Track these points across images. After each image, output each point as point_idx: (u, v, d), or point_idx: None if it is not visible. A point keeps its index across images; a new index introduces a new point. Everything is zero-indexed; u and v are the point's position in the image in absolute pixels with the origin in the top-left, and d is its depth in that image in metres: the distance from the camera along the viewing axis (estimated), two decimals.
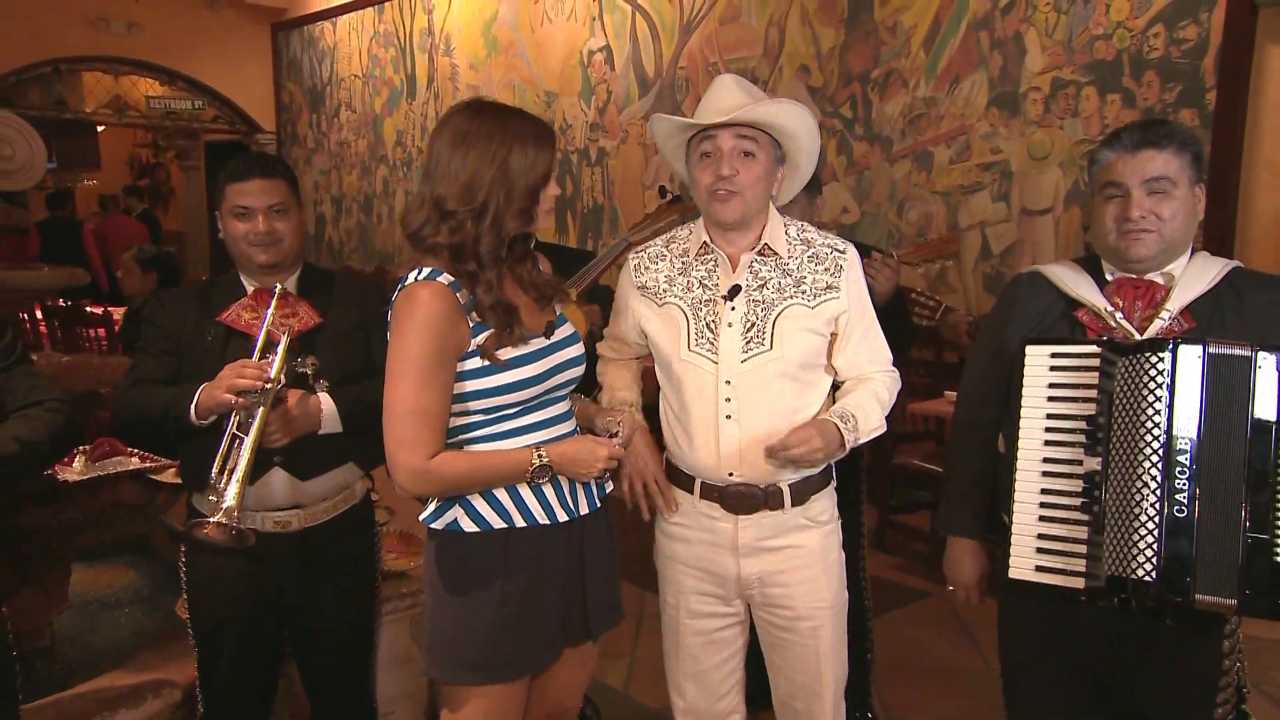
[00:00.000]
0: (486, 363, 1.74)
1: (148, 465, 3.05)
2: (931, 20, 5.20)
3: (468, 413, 1.78)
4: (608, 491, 1.95)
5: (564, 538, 1.84)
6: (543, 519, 1.80)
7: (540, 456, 1.75)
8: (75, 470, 2.93)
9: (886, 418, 2.00)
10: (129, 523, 3.30)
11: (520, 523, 1.79)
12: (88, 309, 6.63)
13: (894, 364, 2.07)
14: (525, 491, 1.80)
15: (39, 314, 6.72)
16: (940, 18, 5.17)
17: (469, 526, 1.79)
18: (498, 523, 1.79)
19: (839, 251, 1.98)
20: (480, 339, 1.74)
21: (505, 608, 1.78)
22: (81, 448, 3.02)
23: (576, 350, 1.88)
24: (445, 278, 1.72)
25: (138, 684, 2.43)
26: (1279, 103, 4.15)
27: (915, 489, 4.60)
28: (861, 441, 1.93)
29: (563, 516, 1.82)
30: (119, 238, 10.29)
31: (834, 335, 1.97)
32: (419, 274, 1.73)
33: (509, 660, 1.80)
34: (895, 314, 2.78)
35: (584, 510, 1.87)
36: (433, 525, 1.82)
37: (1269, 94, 4.17)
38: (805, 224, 2.04)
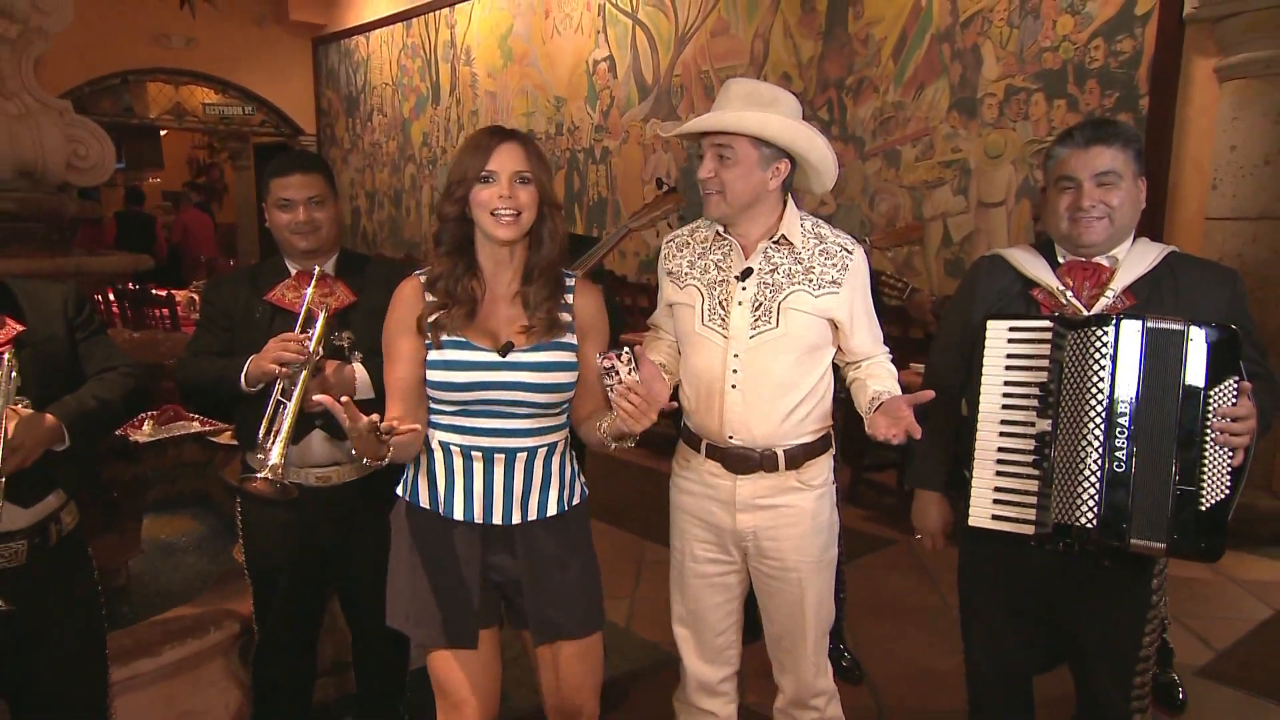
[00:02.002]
0: (432, 354, 1.71)
1: (207, 429, 3.06)
2: (899, 33, 5.17)
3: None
4: (568, 508, 1.82)
5: (468, 535, 1.76)
6: (425, 505, 1.76)
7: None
8: (144, 433, 2.95)
9: (849, 402, 1.97)
10: (191, 478, 3.36)
11: (424, 504, 1.77)
12: (154, 292, 6.66)
13: None
14: (439, 480, 1.76)
15: (111, 296, 6.75)
16: (907, 31, 5.13)
17: (400, 491, 1.81)
18: (409, 495, 1.80)
19: (847, 251, 1.91)
20: (424, 320, 1.72)
21: (414, 574, 1.77)
22: (150, 413, 3.04)
23: (535, 378, 1.70)
24: (424, 276, 1.75)
25: (201, 617, 2.44)
26: (1203, 108, 4.12)
27: (884, 450, 4.61)
28: None
29: (459, 516, 1.74)
30: (194, 227, 10.46)
31: (833, 323, 1.92)
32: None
33: (428, 622, 1.76)
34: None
35: (497, 520, 1.74)
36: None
37: (1195, 100, 4.15)
38: (819, 220, 1.99)
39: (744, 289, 1.88)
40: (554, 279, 1.76)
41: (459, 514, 1.75)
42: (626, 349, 1.57)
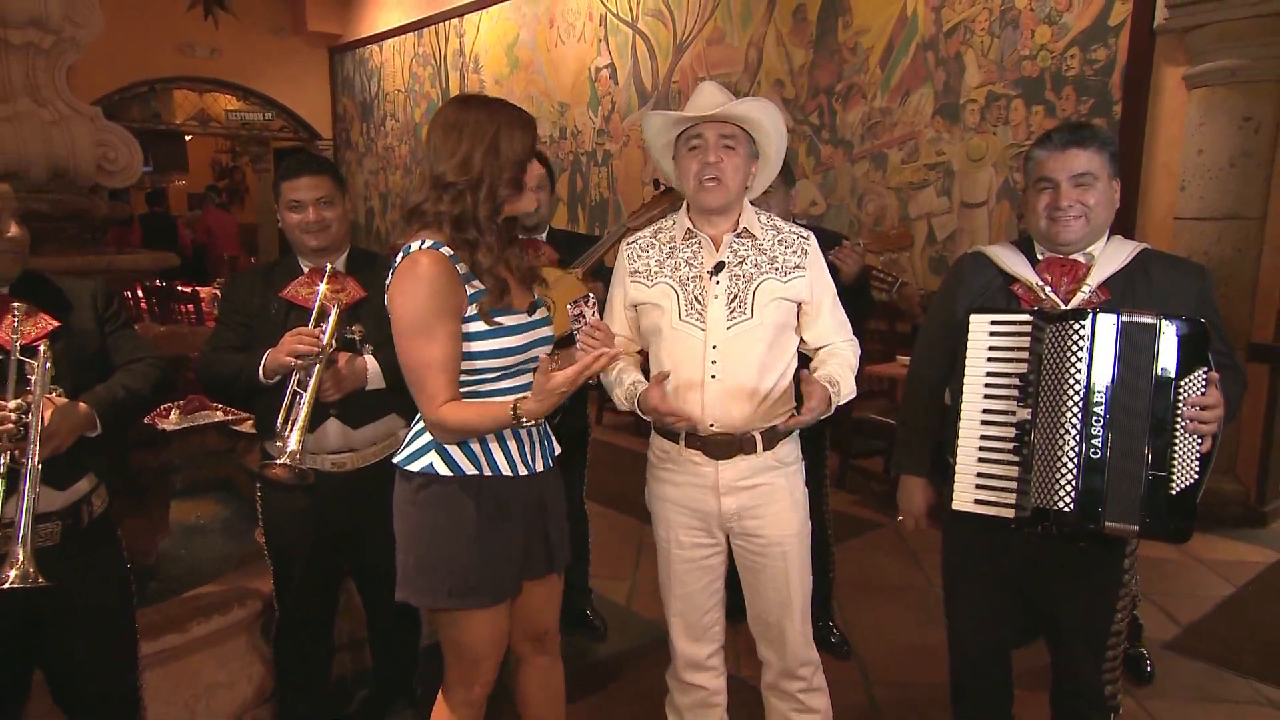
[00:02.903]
0: (483, 327, 1.68)
1: (229, 418, 3.07)
2: (886, 42, 5.15)
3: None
4: (557, 453, 1.90)
5: (524, 488, 1.78)
6: (506, 471, 1.75)
7: (520, 408, 1.64)
8: (171, 421, 2.96)
9: None
10: (215, 465, 3.37)
11: (488, 472, 1.73)
12: (179, 288, 6.67)
13: (854, 333, 2.03)
14: (494, 445, 1.74)
15: (139, 292, 6.76)
16: (893, 40, 5.11)
17: (444, 471, 1.71)
18: (470, 470, 1.72)
19: (803, 238, 1.97)
20: (478, 303, 1.67)
21: (478, 542, 1.72)
22: (175, 403, 3.05)
23: (548, 330, 1.82)
24: (445, 249, 1.65)
25: (226, 595, 2.44)
26: (1172, 113, 4.11)
27: (871, 438, 4.62)
28: (838, 404, 1.89)
29: (523, 471, 1.77)
30: (218, 227, 10.50)
31: (801, 306, 1.94)
32: (420, 244, 1.66)
33: (481, 587, 1.73)
34: (859, 291, 2.76)
35: (539, 468, 1.81)
36: (407, 468, 1.75)
37: (1165, 106, 4.14)
38: (772, 215, 2.02)
39: (718, 283, 1.88)
40: (512, 237, 1.81)
41: (522, 470, 1.77)
42: (591, 295, 1.77)
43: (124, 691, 1.93)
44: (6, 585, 1.54)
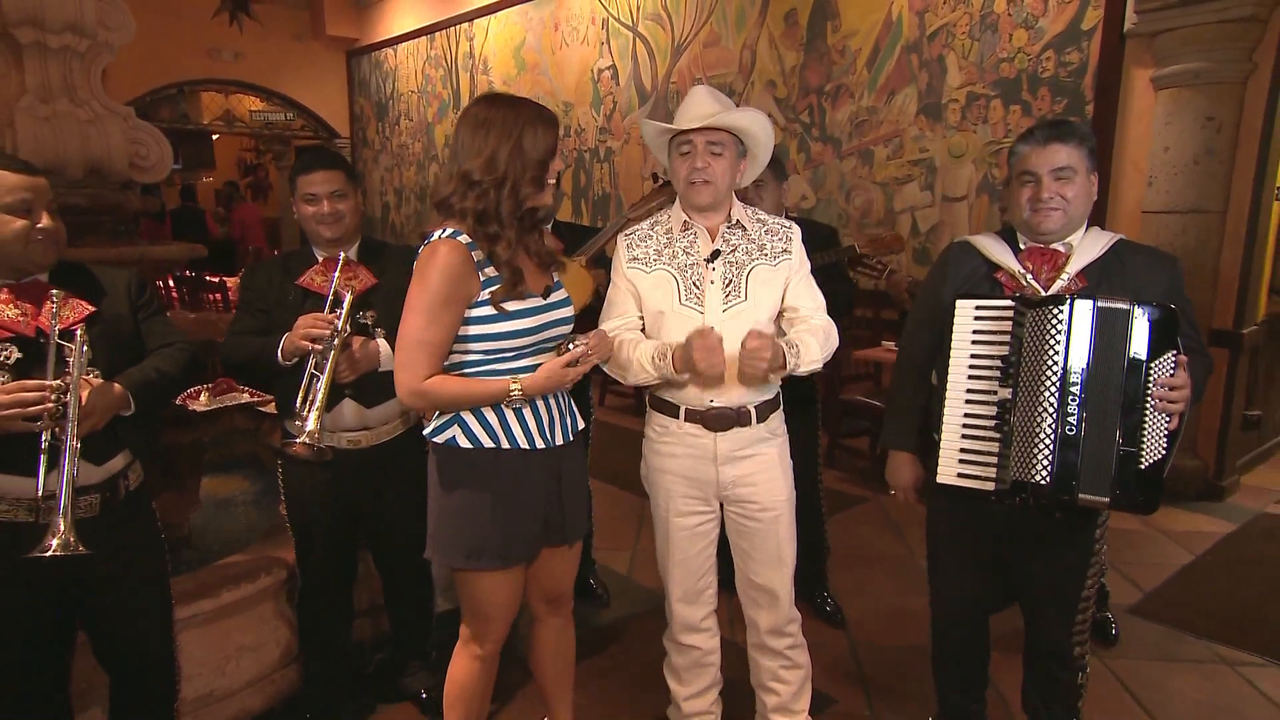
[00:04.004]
0: (493, 311, 1.68)
1: (255, 400, 3.07)
2: (873, 45, 5.12)
3: (470, 351, 1.72)
4: (580, 427, 1.89)
5: (542, 461, 1.78)
6: (524, 444, 1.75)
7: (516, 386, 1.68)
8: (201, 403, 2.96)
9: (834, 363, 1.99)
10: (242, 443, 3.36)
11: (505, 445, 1.74)
12: (208, 278, 6.67)
13: (841, 323, 2.03)
14: (511, 420, 1.74)
15: (171, 281, 6.76)
16: (880, 43, 5.08)
17: (464, 443, 1.73)
18: (488, 443, 1.73)
19: (787, 227, 2.00)
20: (491, 290, 1.68)
21: (493, 510, 1.74)
22: (205, 386, 3.06)
23: (567, 312, 1.82)
24: (464, 238, 1.67)
25: (254, 564, 2.45)
26: (1140, 113, 4.10)
27: (857, 419, 4.63)
28: (801, 371, 1.86)
29: (540, 444, 1.77)
30: (248, 218, 10.55)
31: (786, 284, 1.97)
32: (443, 232, 1.68)
33: (498, 551, 1.76)
34: (840, 276, 2.75)
35: (559, 442, 1.81)
36: (434, 440, 1.77)
37: (1133, 106, 4.12)
38: (756, 209, 2.03)
39: (714, 269, 1.91)
40: (532, 225, 1.80)
41: (539, 443, 1.77)
42: (578, 338, 1.76)
43: (160, 652, 1.95)
44: (49, 553, 1.55)
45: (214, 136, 12.34)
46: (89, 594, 1.80)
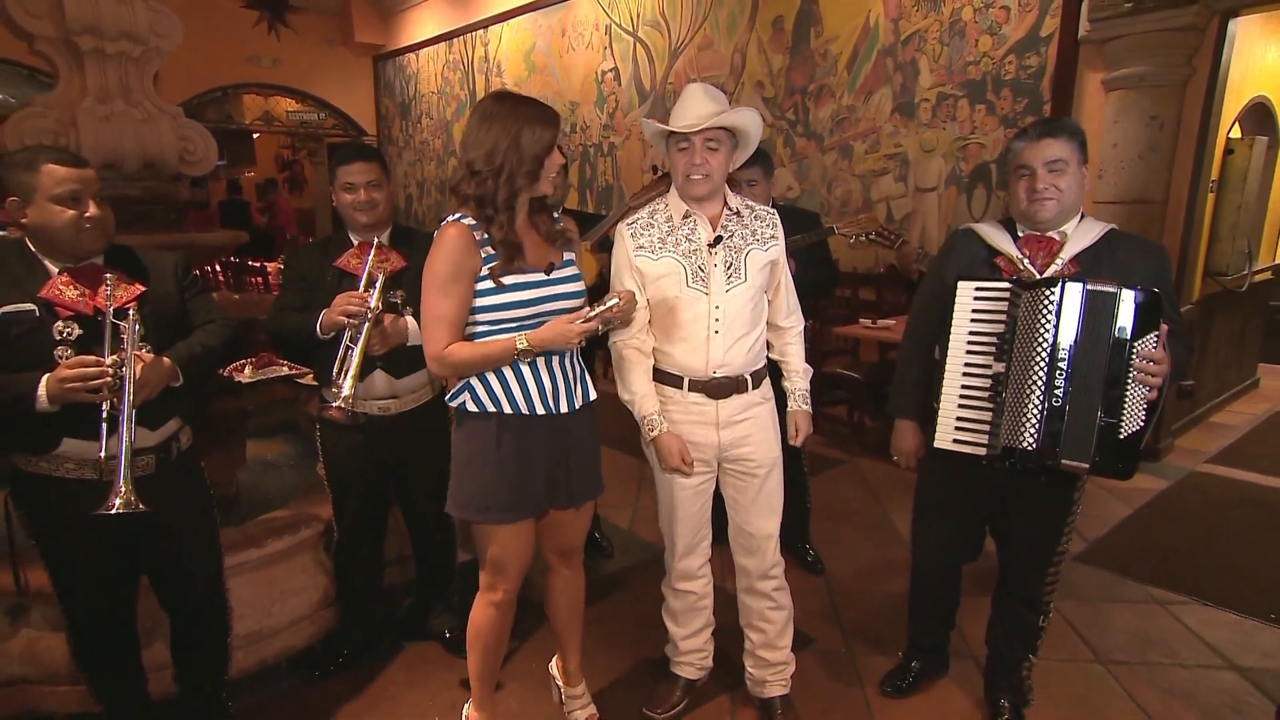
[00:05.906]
0: (492, 285, 1.68)
1: (294, 372, 3.09)
2: (852, 49, 5.05)
3: (477, 323, 1.71)
4: (592, 398, 1.85)
5: (545, 426, 1.75)
6: (524, 410, 1.73)
7: (522, 340, 1.67)
8: (245, 375, 2.98)
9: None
10: (283, 410, 3.38)
11: (507, 410, 1.72)
12: (250, 263, 6.64)
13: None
14: (514, 387, 1.73)
15: (217, 266, 6.73)
16: (859, 47, 5.01)
17: (473, 408, 1.73)
18: (491, 408, 1.72)
19: (771, 213, 2.00)
20: (490, 266, 1.67)
21: (499, 469, 1.73)
22: (249, 359, 3.07)
23: (575, 287, 1.78)
24: (469, 220, 1.67)
25: (295, 518, 2.47)
26: (1092, 113, 4.03)
27: (836, 389, 4.64)
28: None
29: (540, 410, 1.74)
30: (285, 211, 10.51)
31: (774, 266, 1.96)
32: (452, 217, 1.69)
33: (505, 506, 1.75)
34: (824, 259, 2.75)
35: (564, 410, 1.77)
36: (451, 404, 1.78)
37: (1086, 106, 4.06)
38: (745, 199, 2.01)
39: (716, 254, 1.90)
40: (546, 210, 1.80)
41: (540, 410, 1.74)
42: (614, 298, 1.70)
43: (213, 595, 1.97)
44: (114, 510, 1.56)
45: (255, 135, 12.21)
46: (148, 544, 1.82)
